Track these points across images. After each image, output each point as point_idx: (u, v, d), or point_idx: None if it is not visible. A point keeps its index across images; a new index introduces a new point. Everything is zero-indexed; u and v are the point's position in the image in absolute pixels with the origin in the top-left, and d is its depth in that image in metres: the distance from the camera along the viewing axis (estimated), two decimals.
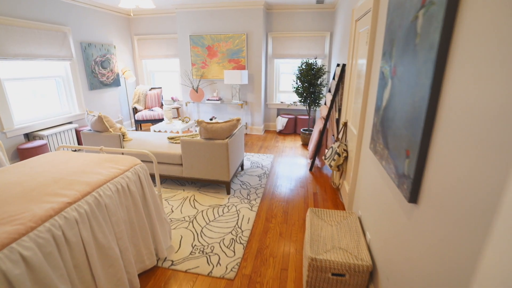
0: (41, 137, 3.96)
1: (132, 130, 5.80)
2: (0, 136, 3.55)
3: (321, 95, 4.64)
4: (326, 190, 3.25)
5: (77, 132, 4.54)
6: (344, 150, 2.90)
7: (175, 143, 3.37)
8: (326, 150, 3.46)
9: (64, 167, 1.77)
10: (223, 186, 3.24)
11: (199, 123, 2.89)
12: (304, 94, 4.65)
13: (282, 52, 5.46)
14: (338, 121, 3.62)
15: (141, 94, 5.65)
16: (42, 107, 4.22)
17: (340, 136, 3.11)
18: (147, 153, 2.09)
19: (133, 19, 5.91)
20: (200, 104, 5.46)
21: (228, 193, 3.10)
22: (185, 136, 3.40)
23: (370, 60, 2.02)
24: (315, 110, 4.68)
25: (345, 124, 2.96)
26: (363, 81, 2.13)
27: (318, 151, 3.70)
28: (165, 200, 2.98)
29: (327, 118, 3.53)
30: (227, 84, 5.35)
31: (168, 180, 3.45)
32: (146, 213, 1.95)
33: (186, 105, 5.46)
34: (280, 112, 5.94)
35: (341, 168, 2.95)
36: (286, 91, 5.80)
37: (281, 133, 5.74)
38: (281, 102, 5.75)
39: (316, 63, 4.54)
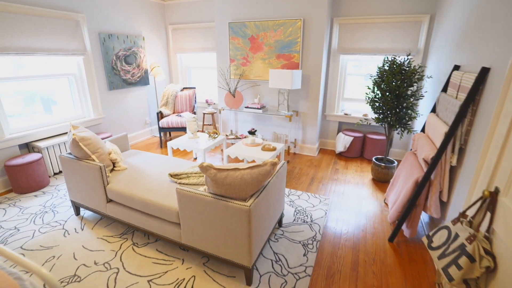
0: (39, 149, 3.27)
1: (156, 137, 4.94)
2: None
3: (410, 112, 3.01)
4: None
5: None
6: (487, 252, 1.38)
7: (179, 183, 2.24)
8: (435, 231, 1.97)
9: None
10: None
11: (203, 169, 1.68)
12: (383, 108, 3.07)
13: (352, 45, 3.90)
14: (452, 169, 2.04)
15: (170, 95, 4.73)
16: (49, 111, 3.54)
17: (470, 213, 1.57)
18: (45, 275, 0.96)
19: (168, 6, 4.98)
20: (238, 111, 4.29)
21: (249, 283, 1.85)
22: (189, 173, 2.24)
23: None
24: (401, 135, 3.06)
25: (493, 196, 1.42)
26: None
27: (408, 213, 2.18)
28: (148, 281, 1.88)
29: (434, 163, 1.97)
30: (273, 87, 4.04)
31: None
32: None
33: (220, 112, 4.34)
34: (342, 127, 4.41)
35: (474, 286, 1.44)
36: (353, 99, 4.24)
37: (342, 155, 4.22)
38: (345, 114, 4.21)
39: (409, 63, 2.91)
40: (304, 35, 3.76)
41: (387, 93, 3.01)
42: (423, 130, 2.61)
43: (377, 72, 3.10)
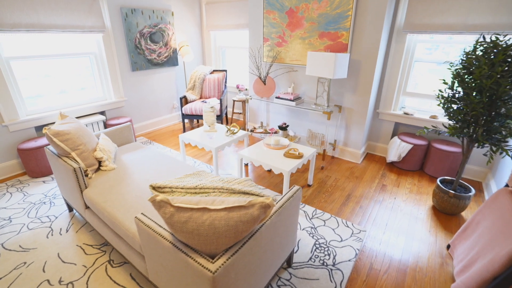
0: None
1: (178, 124, 4.59)
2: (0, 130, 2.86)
3: (510, 123, 1.98)
4: None
5: (106, 127, 3.61)
6: None
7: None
8: None
9: None
10: None
11: (155, 205, 1.15)
12: (465, 114, 2.09)
13: (426, 20, 2.84)
14: None
15: (197, 78, 4.29)
16: (67, 92, 3.39)
17: None
18: None
19: None
20: (269, 101, 3.62)
21: None
22: (174, 187, 1.75)
23: None
24: (490, 157, 2.03)
25: None
26: None
27: None
28: None
29: None
30: (312, 75, 3.23)
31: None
32: None
33: (247, 101, 3.73)
34: (399, 129, 3.43)
35: None
36: (419, 95, 3.20)
37: (394, 166, 3.30)
38: (405, 114, 3.22)
39: None
40: (358, 6, 2.84)
41: (475, 92, 2.02)
42: None
43: (462, 60, 2.11)
